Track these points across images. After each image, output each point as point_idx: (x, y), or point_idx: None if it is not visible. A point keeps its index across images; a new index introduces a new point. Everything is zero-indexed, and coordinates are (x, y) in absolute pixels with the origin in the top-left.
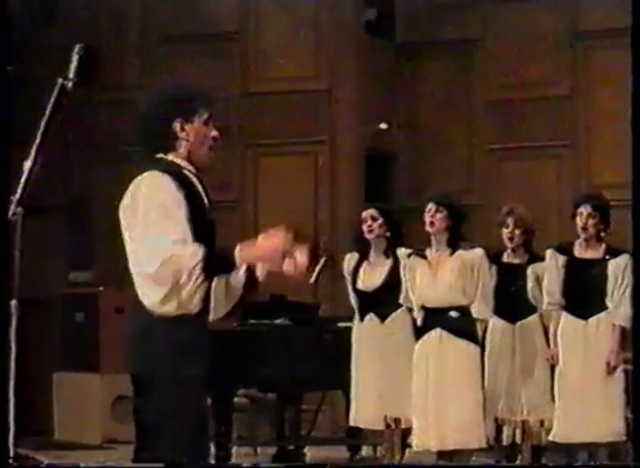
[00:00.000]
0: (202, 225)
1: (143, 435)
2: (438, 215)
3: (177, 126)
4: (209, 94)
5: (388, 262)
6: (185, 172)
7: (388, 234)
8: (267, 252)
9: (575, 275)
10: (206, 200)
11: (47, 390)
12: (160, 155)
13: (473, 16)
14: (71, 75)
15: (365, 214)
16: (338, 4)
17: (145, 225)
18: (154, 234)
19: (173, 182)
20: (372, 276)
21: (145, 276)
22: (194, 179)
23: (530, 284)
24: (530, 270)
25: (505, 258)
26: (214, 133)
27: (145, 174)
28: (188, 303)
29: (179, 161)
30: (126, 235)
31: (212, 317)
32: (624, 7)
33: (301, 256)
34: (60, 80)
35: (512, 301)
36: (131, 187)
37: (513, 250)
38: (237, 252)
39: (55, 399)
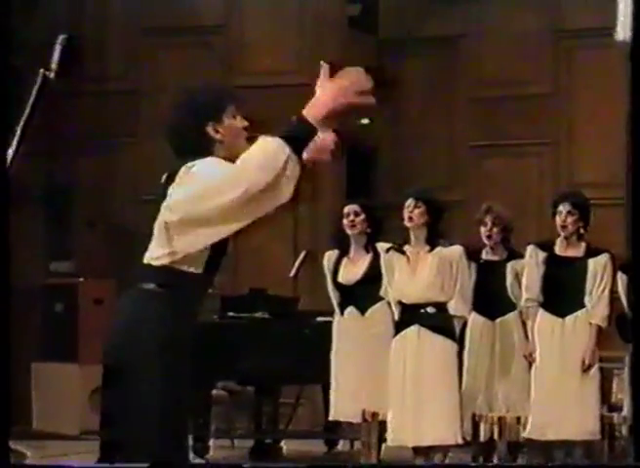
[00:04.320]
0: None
1: (112, 428)
2: (416, 211)
3: (210, 130)
4: (229, 87)
5: (368, 257)
6: None
7: (369, 230)
8: (336, 92)
9: (554, 272)
10: None
11: (26, 380)
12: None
13: (456, 12)
14: (54, 66)
15: (347, 209)
16: None
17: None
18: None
19: None
20: (352, 270)
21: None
22: None
23: (509, 280)
24: (509, 267)
25: (484, 256)
26: (244, 124)
27: (195, 161)
28: (286, 188)
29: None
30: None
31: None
32: (607, 6)
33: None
34: (42, 70)
35: (492, 298)
36: (182, 170)
37: (492, 247)
38: (306, 113)
39: (33, 389)
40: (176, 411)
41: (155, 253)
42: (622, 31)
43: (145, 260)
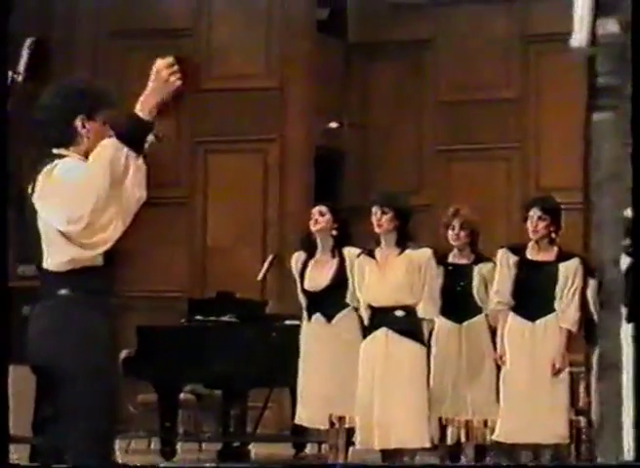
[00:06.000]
0: None
1: (45, 427)
2: (384, 218)
3: (78, 122)
4: (113, 94)
5: (335, 262)
6: None
7: (335, 232)
8: (153, 81)
9: (525, 276)
10: None
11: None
12: (59, 150)
13: (425, 17)
14: (21, 69)
15: (314, 210)
16: (290, 2)
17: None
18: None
19: None
20: (318, 276)
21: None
22: None
23: (476, 284)
24: (476, 270)
25: (451, 259)
26: (110, 132)
27: (54, 162)
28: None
29: (77, 157)
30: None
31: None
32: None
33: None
34: (10, 73)
35: (458, 302)
36: (40, 177)
37: (459, 250)
38: (137, 110)
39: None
40: (107, 409)
41: (61, 261)
42: (579, 37)
43: (51, 268)
